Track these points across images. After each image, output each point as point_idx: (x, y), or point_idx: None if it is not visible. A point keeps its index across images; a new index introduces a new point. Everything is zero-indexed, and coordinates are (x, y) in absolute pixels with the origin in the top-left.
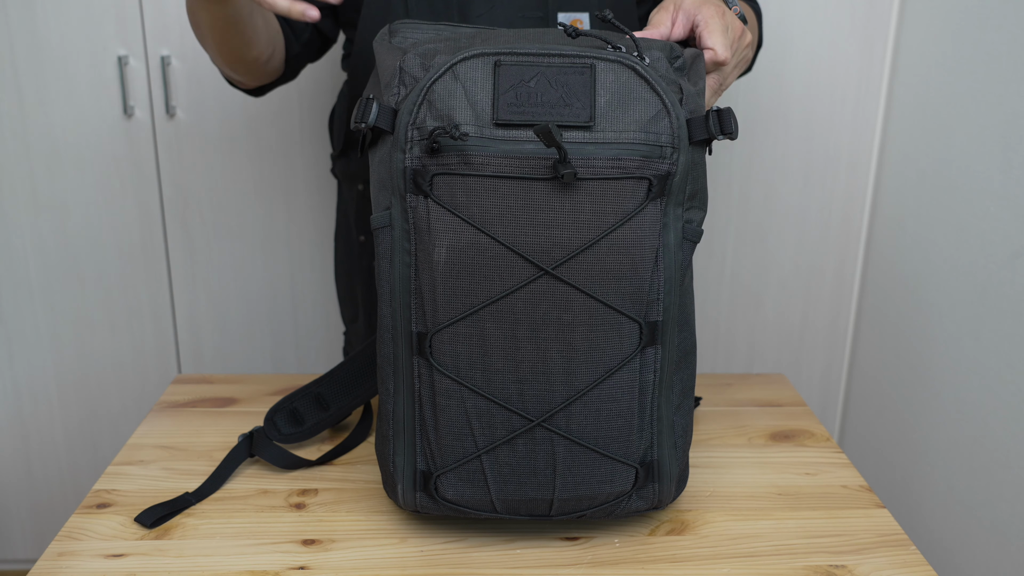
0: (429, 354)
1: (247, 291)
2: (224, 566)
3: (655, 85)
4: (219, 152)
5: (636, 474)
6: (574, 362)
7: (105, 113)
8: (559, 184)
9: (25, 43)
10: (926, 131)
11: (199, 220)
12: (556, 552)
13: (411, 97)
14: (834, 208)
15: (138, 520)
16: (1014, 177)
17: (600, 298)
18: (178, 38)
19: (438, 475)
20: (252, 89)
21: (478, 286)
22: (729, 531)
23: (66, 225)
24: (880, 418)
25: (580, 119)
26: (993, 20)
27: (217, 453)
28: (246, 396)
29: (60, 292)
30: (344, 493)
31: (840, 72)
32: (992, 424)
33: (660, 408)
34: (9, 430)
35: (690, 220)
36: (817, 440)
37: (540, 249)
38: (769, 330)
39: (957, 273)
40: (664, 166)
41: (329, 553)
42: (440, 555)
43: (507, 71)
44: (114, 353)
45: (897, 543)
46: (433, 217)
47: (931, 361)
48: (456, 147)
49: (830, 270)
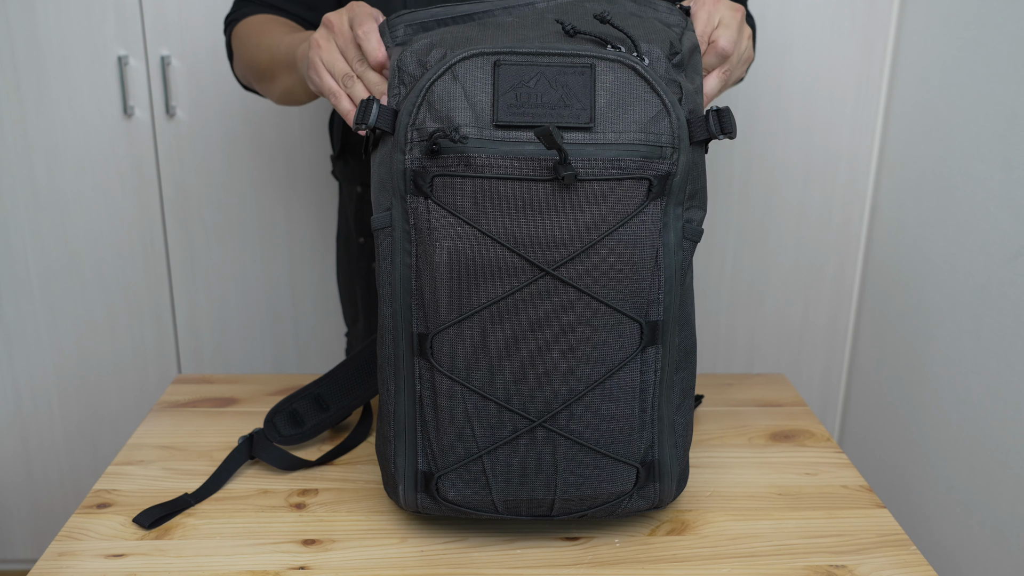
0: (430, 355)
1: (247, 291)
2: (224, 566)
3: (655, 85)
4: (219, 152)
5: (637, 474)
6: (575, 362)
7: (105, 113)
8: (559, 185)
9: (25, 43)
10: (926, 131)
11: (199, 220)
12: (556, 552)
13: (410, 98)
14: (834, 208)
15: (136, 521)
16: (1014, 177)
17: (601, 298)
18: (178, 38)
19: (439, 476)
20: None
21: (479, 287)
22: (729, 531)
23: (66, 225)
24: (880, 418)
25: (580, 120)
26: (993, 20)
27: (217, 453)
28: (246, 396)
29: (60, 292)
30: (344, 493)
31: (840, 72)
32: (992, 424)
33: (661, 408)
34: (9, 430)
35: (690, 220)
36: (817, 440)
37: (541, 250)
38: (769, 330)
39: (957, 273)
40: (664, 166)
41: (329, 553)
42: (440, 555)
43: (507, 71)
44: (114, 353)
45: (897, 543)
46: (434, 218)
47: (931, 361)
48: (456, 149)
49: (830, 270)
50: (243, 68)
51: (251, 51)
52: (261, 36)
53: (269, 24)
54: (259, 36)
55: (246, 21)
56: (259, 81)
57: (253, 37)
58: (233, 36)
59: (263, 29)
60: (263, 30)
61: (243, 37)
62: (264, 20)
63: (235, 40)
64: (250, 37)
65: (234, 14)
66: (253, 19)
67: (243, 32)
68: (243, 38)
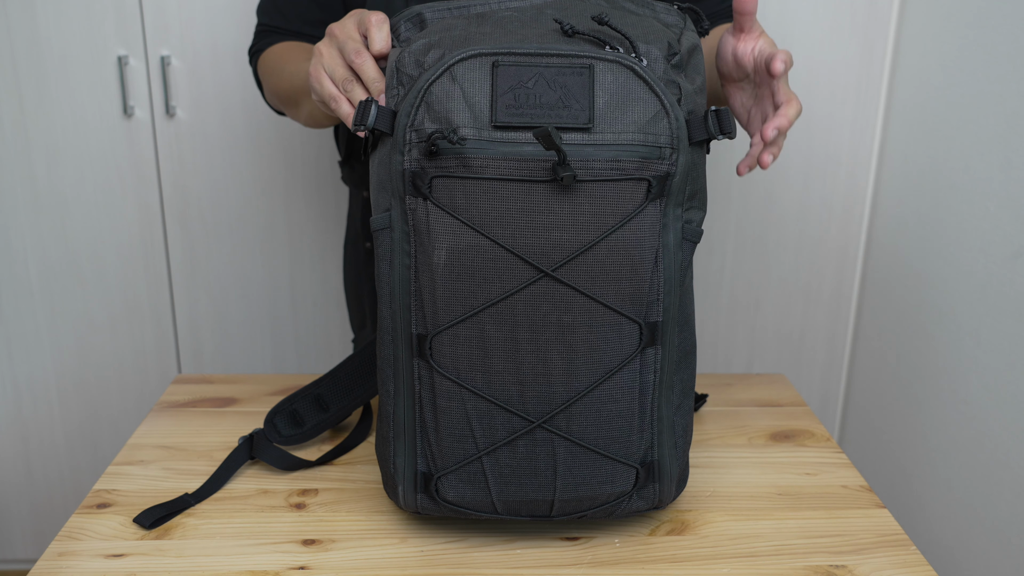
0: (429, 356)
1: (247, 291)
2: (224, 566)
3: (654, 86)
4: (219, 152)
5: (637, 474)
6: (574, 363)
7: (105, 113)
8: (558, 186)
9: (25, 43)
10: (926, 131)
11: (199, 220)
12: (556, 552)
13: (408, 99)
14: (834, 208)
15: (137, 521)
16: (1014, 177)
17: (600, 299)
18: (178, 38)
19: (439, 476)
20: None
21: (478, 288)
22: (729, 531)
23: (66, 225)
24: (880, 418)
25: (579, 121)
26: (993, 20)
27: (217, 453)
28: (246, 396)
29: (60, 292)
30: (344, 493)
31: (840, 72)
32: (992, 424)
33: (660, 408)
34: (9, 430)
35: (690, 220)
36: (817, 440)
37: (540, 251)
38: (769, 330)
39: (957, 273)
40: (663, 167)
41: (329, 553)
42: (440, 555)
43: (505, 72)
44: (114, 353)
45: (897, 543)
46: (432, 219)
47: (931, 361)
48: (454, 150)
49: (830, 270)
50: (271, 97)
51: (275, 80)
52: (284, 64)
53: (291, 52)
54: (282, 64)
55: (269, 51)
56: (286, 107)
57: (276, 67)
58: (259, 66)
59: (285, 58)
60: (285, 58)
61: (267, 67)
62: (285, 48)
63: (261, 70)
64: (274, 67)
65: (257, 45)
66: (275, 49)
67: (267, 63)
68: (267, 68)
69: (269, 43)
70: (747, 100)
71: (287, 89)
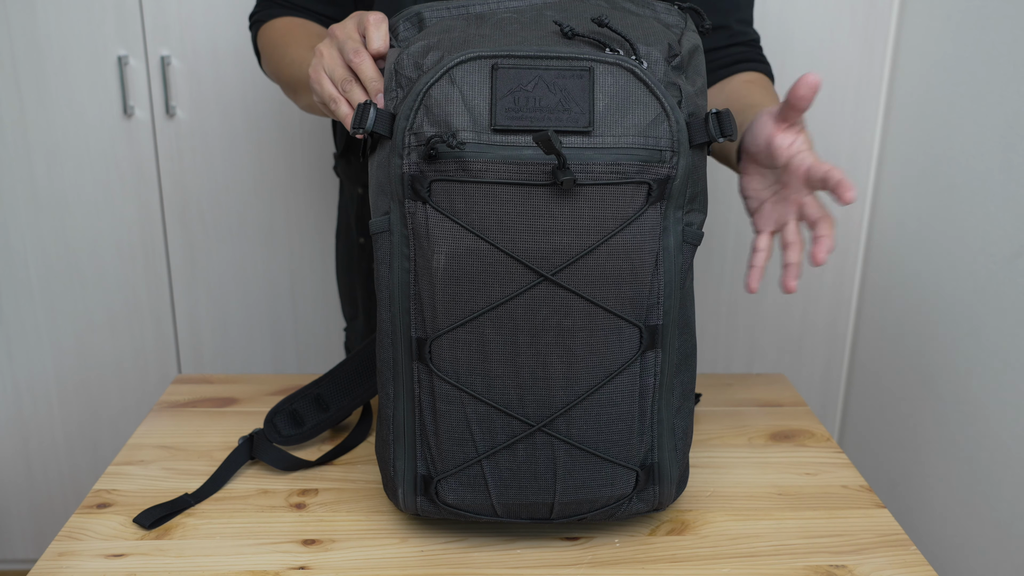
0: (429, 360)
1: (247, 291)
2: (224, 566)
3: (654, 89)
4: (219, 152)
5: (637, 477)
6: (574, 367)
7: (105, 113)
8: (558, 190)
9: (25, 43)
10: (926, 131)
11: (199, 220)
12: (556, 552)
13: (407, 102)
14: (834, 208)
15: (137, 521)
16: (1014, 177)
17: (600, 303)
18: (178, 38)
19: (439, 479)
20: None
21: (477, 292)
22: (729, 531)
23: (66, 225)
24: (880, 418)
25: (579, 124)
26: (993, 20)
27: (217, 453)
28: (246, 396)
29: (60, 292)
30: (344, 493)
31: (840, 72)
32: (992, 424)
33: (660, 411)
34: (9, 430)
35: (690, 223)
36: (817, 440)
37: (539, 255)
38: (769, 330)
39: (957, 273)
40: (664, 170)
41: (329, 553)
42: (440, 555)
43: (505, 75)
44: (114, 353)
45: (897, 543)
46: (432, 223)
47: (931, 361)
48: (454, 154)
49: (830, 270)
50: (270, 73)
51: (276, 62)
52: (286, 48)
53: (294, 32)
54: (284, 47)
55: (271, 24)
56: (285, 90)
57: (279, 47)
58: (259, 37)
59: (287, 38)
60: (288, 39)
61: (269, 44)
62: (289, 26)
63: (261, 42)
64: (276, 46)
65: (259, 14)
66: (278, 23)
67: (269, 38)
68: (269, 45)
69: (271, 15)
70: (762, 188)
71: (288, 77)
